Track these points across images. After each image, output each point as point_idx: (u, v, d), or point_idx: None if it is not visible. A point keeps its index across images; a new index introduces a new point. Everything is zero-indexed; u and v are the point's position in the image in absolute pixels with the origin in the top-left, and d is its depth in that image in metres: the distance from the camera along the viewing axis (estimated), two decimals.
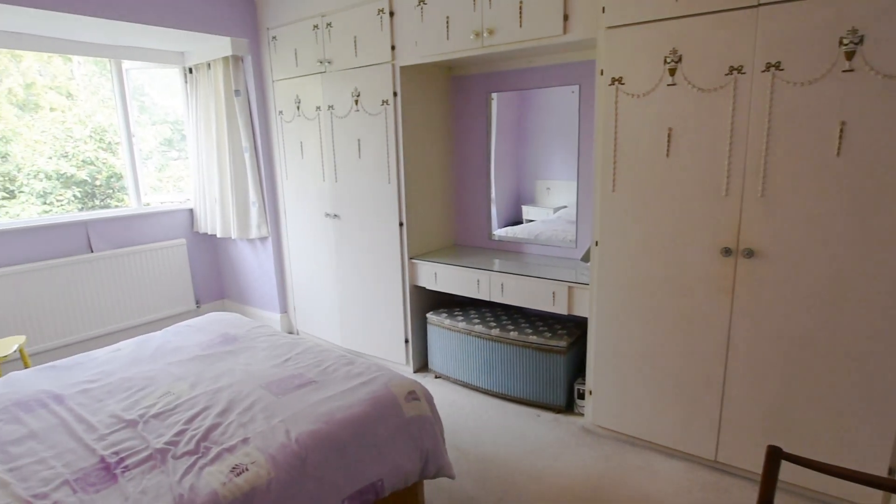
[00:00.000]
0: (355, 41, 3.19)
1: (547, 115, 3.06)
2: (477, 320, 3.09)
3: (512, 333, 2.90)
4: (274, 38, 3.71)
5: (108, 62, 3.99)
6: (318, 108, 3.49)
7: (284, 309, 4.21)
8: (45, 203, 5.45)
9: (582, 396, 2.79)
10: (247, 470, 1.49)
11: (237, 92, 3.84)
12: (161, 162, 5.03)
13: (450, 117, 3.42)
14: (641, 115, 2.20)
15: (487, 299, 2.95)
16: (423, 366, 3.46)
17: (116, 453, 1.58)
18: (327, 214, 3.60)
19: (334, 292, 3.72)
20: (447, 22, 2.77)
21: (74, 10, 2.96)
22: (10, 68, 5.68)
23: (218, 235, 4.18)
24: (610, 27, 2.23)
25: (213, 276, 4.55)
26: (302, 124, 3.65)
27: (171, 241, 4.17)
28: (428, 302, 3.41)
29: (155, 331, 4.00)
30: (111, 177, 5.80)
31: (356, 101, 3.26)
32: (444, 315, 3.21)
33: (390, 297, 3.36)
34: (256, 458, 1.54)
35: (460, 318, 3.15)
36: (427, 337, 3.35)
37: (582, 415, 2.80)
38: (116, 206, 5.76)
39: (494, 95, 3.22)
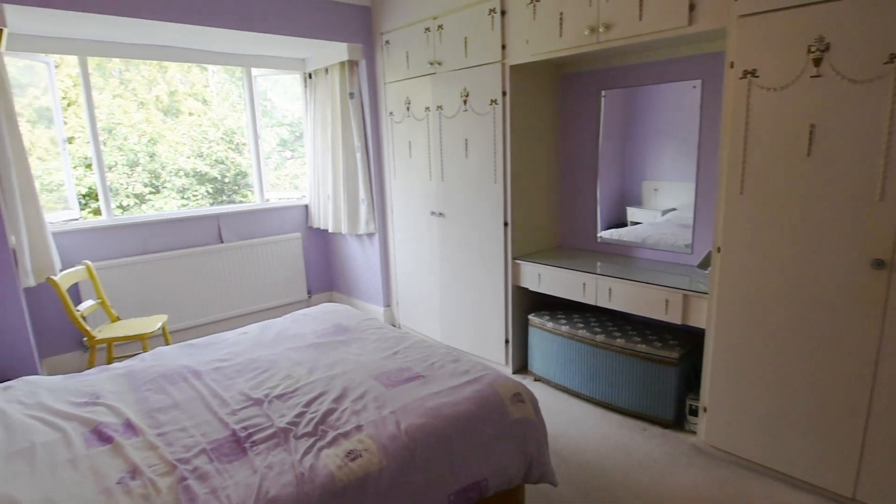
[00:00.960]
0: (466, 42, 3.22)
1: (659, 112, 2.89)
2: (581, 325, 3.01)
3: (618, 341, 2.78)
4: (387, 42, 3.85)
5: (240, 70, 4.36)
6: (428, 108, 3.57)
7: (388, 303, 4.37)
8: (183, 197, 6.10)
9: (694, 413, 2.61)
10: (360, 456, 1.56)
11: (351, 94, 4.03)
12: (278, 161, 5.44)
13: (557, 116, 3.35)
14: (778, 111, 2.01)
15: (593, 304, 2.86)
16: (521, 367, 3.43)
17: (245, 428, 1.73)
18: (433, 213, 3.68)
19: (436, 289, 3.79)
20: (560, 18, 2.71)
21: (215, 24, 3.27)
22: (158, 78, 6.41)
23: (329, 230, 4.42)
24: (743, 15, 2.05)
25: (323, 269, 4.83)
26: (411, 125, 3.76)
27: (288, 234, 4.49)
28: (529, 303, 3.37)
29: (271, 317, 4.34)
30: (237, 174, 6.37)
31: (465, 101, 3.29)
32: (547, 318, 3.16)
33: (492, 296, 3.36)
34: (369, 446, 1.60)
35: (563, 321, 3.08)
36: (528, 339, 3.31)
37: (693, 432, 2.62)
38: (241, 202, 6.31)
39: (605, 93, 3.10)
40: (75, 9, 2.78)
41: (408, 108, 3.76)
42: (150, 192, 5.89)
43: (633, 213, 3.15)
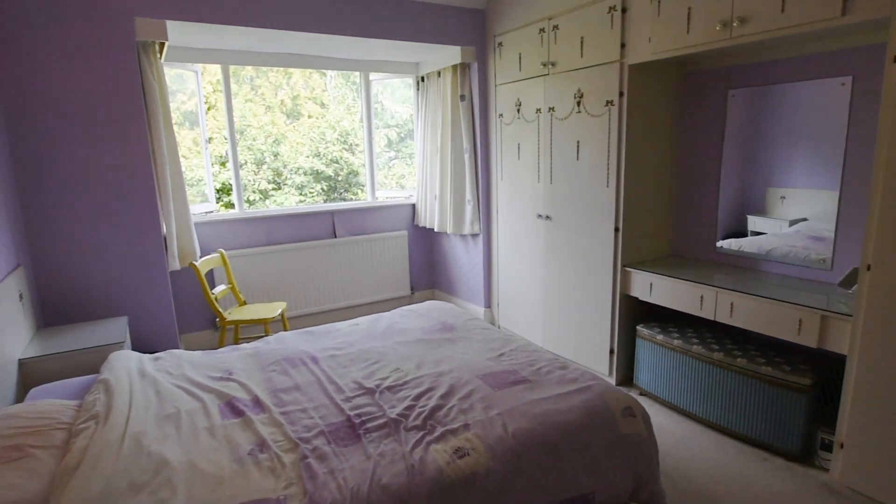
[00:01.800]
0: (581, 42, 3.15)
1: (794, 112, 2.62)
2: (695, 340, 2.82)
3: (739, 360, 2.57)
4: (500, 44, 3.86)
5: (357, 75, 4.59)
6: (539, 110, 3.54)
7: (489, 303, 4.38)
8: (301, 194, 6.56)
9: (828, 448, 2.35)
10: (468, 455, 1.58)
11: (462, 97, 4.10)
12: (385, 161, 5.66)
13: (677, 117, 3.17)
14: None
15: (711, 318, 2.66)
16: (625, 379, 3.28)
17: (359, 415, 1.82)
18: (539, 216, 3.64)
19: (539, 292, 3.74)
20: (688, 13, 2.56)
21: (341, 32, 3.47)
22: (283, 83, 6.94)
23: (435, 230, 4.53)
24: None
25: (426, 267, 4.96)
26: (521, 126, 3.74)
27: (395, 232, 4.66)
28: (636, 313, 3.22)
29: (376, 309, 4.53)
30: (350, 173, 6.72)
31: (578, 103, 3.22)
32: (657, 329, 3.00)
33: (598, 303, 3.26)
34: (476, 446, 1.62)
35: (675, 334, 2.90)
36: (634, 350, 3.17)
37: (826, 469, 2.35)
38: (352, 199, 6.66)
39: (732, 92, 2.88)
40: (225, 22, 3.09)
41: (518, 110, 3.75)
42: (273, 189, 6.39)
43: (754, 223, 2.90)
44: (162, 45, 3.07)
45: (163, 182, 3.15)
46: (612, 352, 3.25)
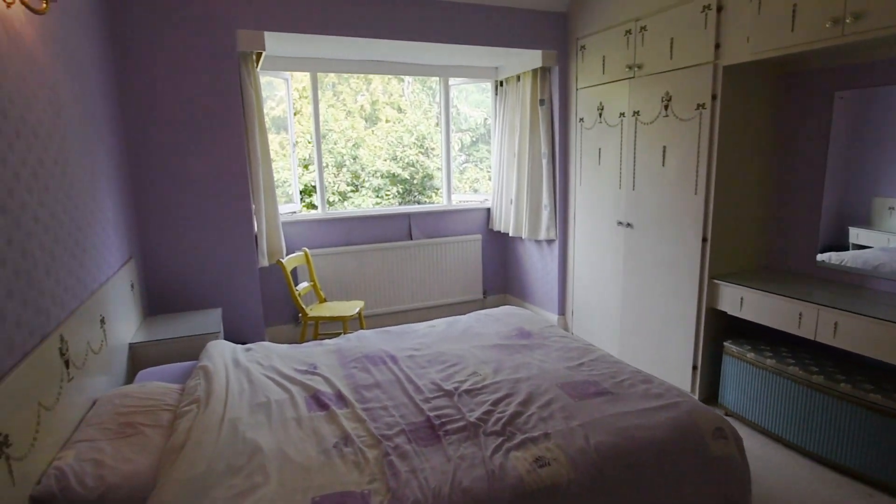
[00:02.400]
0: (671, 43, 3.02)
1: None
2: (791, 360, 2.62)
3: (843, 385, 2.36)
4: (582, 47, 3.79)
5: (433, 80, 4.66)
6: (622, 114, 3.43)
7: (562, 311, 4.30)
8: (377, 196, 6.74)
9: None
10: (549, 465, 1.56)
11: (542, 101, 4.06)
12: (458, 165, 5.70)
13: (774, 121, 2.97)
14: None
15: (811, 338, 2.47)
16: (709, 398, 3.11)
17: (439, 417, 1.84)
18: (619, 223, 3.53)
19: (617, 302, 3.63)
20: (793, 10, 2.39)
21: (425, 39, 3.54)
22: (363, 89, 7.17)
23: (509, 234, 4.51)
24: None
25: (499, 271, 4.94)
26: (602, 131, 3.65)
27: (469, 235, 4.68)
28: (723, 328, 3.04)
29: (449, 312, 4.57)
30: (425, 177, 6.83)
31: (665, 107, 3.09)
32: (747, 347, 2.82)
33: (681, 316, 3.11)
34: (558, 456, 1.59)
35: (768, 353, 2.72)
36: (720, 367, 2.99)
37: None
38: (426, 202, 6.76)
39: (840, 94, 2.65)
40: (318, 32, 3.24)
41: (600, 114, 3.66)
42: (351, 191, 6.62)
43: (857, 235, 2.66)
44: (259, 54, 3.26)
45: (255, 184, 3.34)
46: (694, 368, 3.09)
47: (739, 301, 2.81)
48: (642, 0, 3.21)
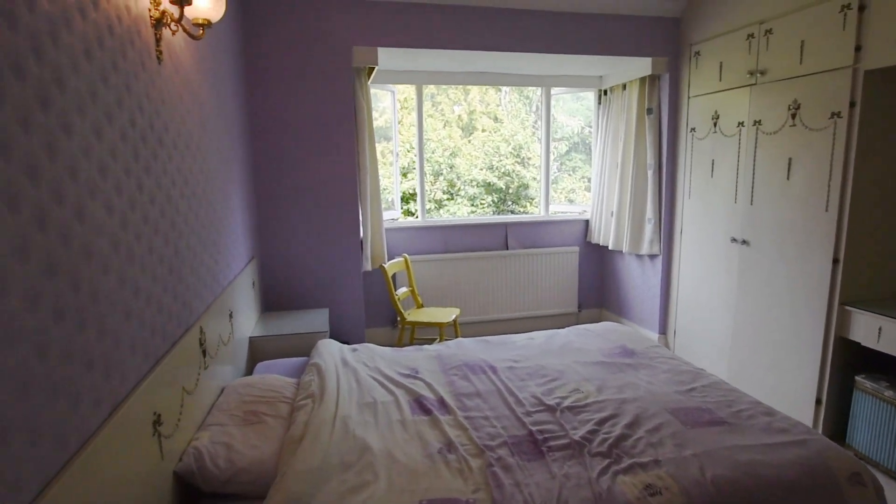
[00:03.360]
0: (802, 46, 2.79)
1: None
2: None
3: None
4: (697, 53, 3.60)
5: (531, 90, 4.64)
6: (741, 123, 3.21)
7: (664, 330, 4.09)
8: (472, 205, 6.81)
9: None
10: (660, 494, 1.49)
11: (649, 110, 3.90)
12: (556, 175, 5.60)
13: None
14: None
15: None
16: (835, 437, 2.80)
17: (541, 432, 1.82)
18: (734, 240, 3.30)
19: (727, 324, 3.39)
20: None
21: (532, 49, 3.54)
22: (461, 99, 7.29)
23: (609, 247, 4.37)
24: None
25: (595, 285, 4.80)
26: (717, 141, 3.44)
27: (566, 247, 4.59)
28: (854, 360, 2.74)
29: (542, 324, 4.50)
30: (520, 186, 6.81)
31: (793, 115, 2.86)
32: (885, 383, 2.51)
33: (804, 344, 2.84)
34: (670, 485, 1.51)
35: None
36: (850, 404, 2.70)
37: None
38: (521, 212, 6.73)
39: None
40: (428, 46, 3.36)
41: (715, 124, 3.45)
42: (447, 199, 6.74)
43: None
44: (371, 69, 3.43)
45: (363, 191, 3.51)
46: (818, 402, 2.81)
47: (877, 331, 2.52)
48: (768, 2, 2.99)
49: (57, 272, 0.98)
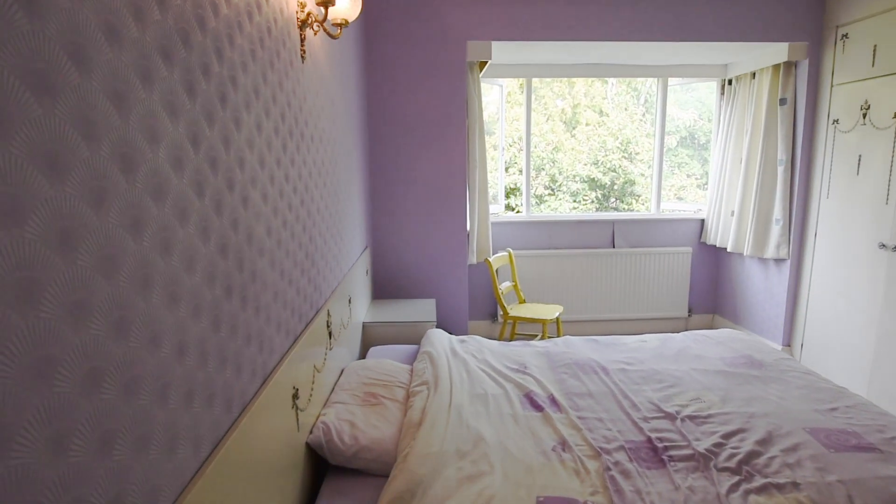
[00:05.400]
0: None
1: None
2: None
3: None
4: (844, 35, 3.23)
5: (655, 81, 4.41)
6: None
7: (788, 342, 3.74)
8: (574, 201, 6.65)
9: None
10: None
11: (783, 100, 3.56)
12: (666, 171, 5.29)
13: None
14: None
15: None
16: None
17: (661, 440, 1.74)
18: (882, 245, 2.94)
19: (869, 339, 3.03)
20: None
21: (652, 38, 3.37)
22: (565, 93, 7.11)
23: (728, 249, 4.06)
24: None
25: (708, 289, 4.49)
26: (866, 135, 3.07)
27: (678, 247, 4.34)
28: None
29: (648, 327, 4.30)
30: (626, 182, 6.53)
31: None
32: None
33: None
34: None
35: None
36: None
37: None
38: (626, 209, 6.47)
39: None
40: (542, 38, 3.31)
41: (864, 115, 3.08)
42: (549, 194, 6.63)
43: None
44: (483, 63, 3.45)
45: (471, 184, 3.54)
46: None
47: None
48: None
49: (228, 253, 1.09)
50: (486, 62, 3.43)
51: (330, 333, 1.98)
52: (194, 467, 0.93)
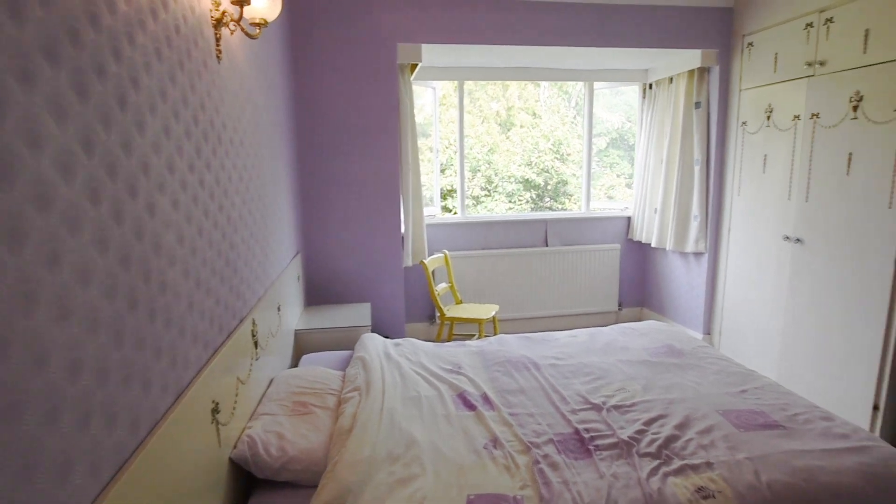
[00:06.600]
0: (866, 35, 2.66)
1: None
2: None
3: None
4: (750, 44, 3.48)
5: (571, 85, 4.56)
6: (797, 117, 3.09)
7: (708, 330, 3.98)
8: (510, 201, 6.77)
9: None
10: (713, 497, 1.45)
11: (697, 104, 3.79)
12: (595, 171, 5.50)
13: None
14: None
15: None
16: (894, 443, 2.67)
17: (587, 430, 1.80)
18: (786, 238, 3.18)
19: (777, 325, 3.27)
20: None
21: (576, 44, 3.50)
22: (499, 95, 7.24)
23: (652, 245, 4.27)
24: None
25: (637, 283, 4.71)
26: (769, 136, 3.32)
27: (607, 244, 4.52)
28: None
29: (581, 322, 4.45)
30: (559, 182, 6.73)
31: (854, 108, 2.73)
32: None
33: (860, 348, 2.72)
34: (723, 489, 1.48)
35: None
36: None
37: None
38: (560, 209, 6.66)
39: None
40: (472, 42, 3.35)
41: (768, 117, 3.33)
42: (484, 195, 6.72)
43: None
44: (414, 66, 3.45)
45: (405, 187, 3.54)
46: (875, 408, 2.68)
47: None
48: None
49: (131, 264, 1.03)
50: (417, 65, 3.43)
51: (256, 343, 1.92)
52: (93, 494, 0.87)
